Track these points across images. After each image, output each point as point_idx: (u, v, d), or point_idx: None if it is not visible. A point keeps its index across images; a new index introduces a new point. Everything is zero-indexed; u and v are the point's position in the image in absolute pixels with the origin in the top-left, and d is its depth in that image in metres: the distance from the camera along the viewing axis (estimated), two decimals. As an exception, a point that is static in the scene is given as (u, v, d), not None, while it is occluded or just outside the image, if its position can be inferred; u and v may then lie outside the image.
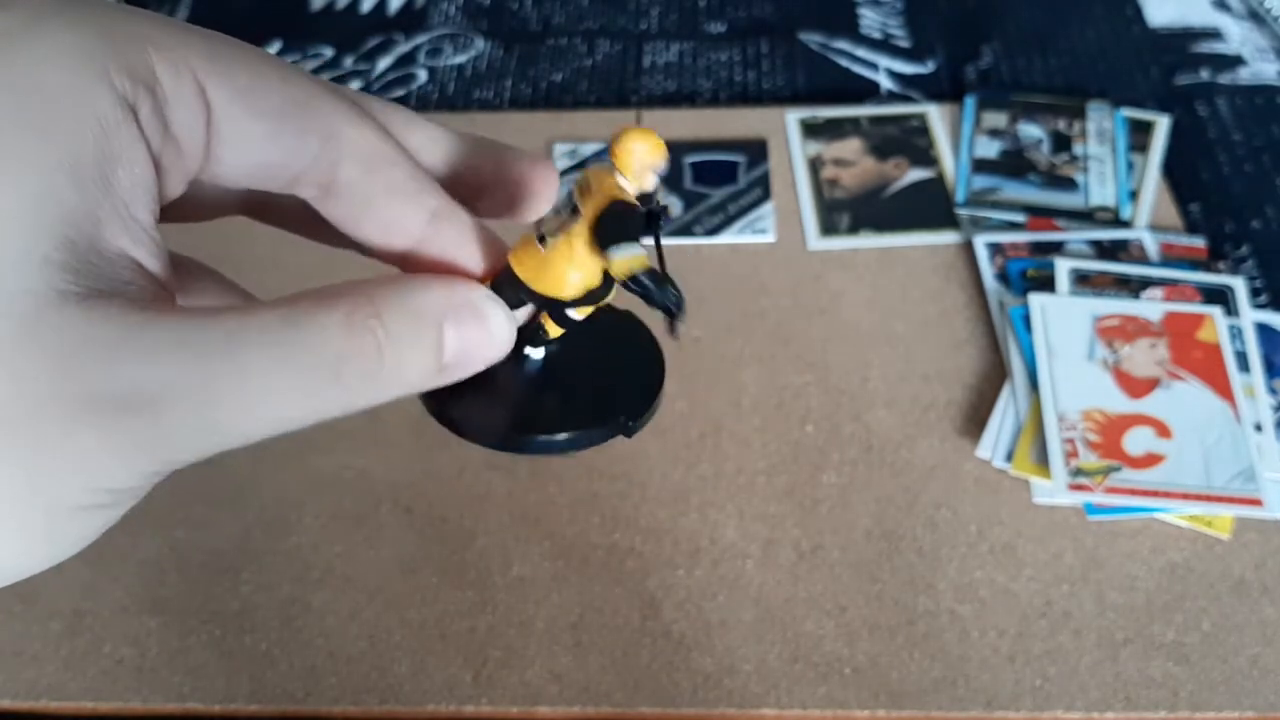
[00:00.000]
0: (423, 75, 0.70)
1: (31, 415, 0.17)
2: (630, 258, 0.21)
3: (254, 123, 0.21)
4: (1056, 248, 0.55)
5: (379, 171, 0.22)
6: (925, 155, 0.61)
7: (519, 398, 0.25)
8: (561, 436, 0.24)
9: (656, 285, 0.22)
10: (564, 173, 0.60)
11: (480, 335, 0.22)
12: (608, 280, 0.23)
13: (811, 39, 0.71)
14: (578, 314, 0.24)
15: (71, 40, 0.18)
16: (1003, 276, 0.54)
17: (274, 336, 0.19)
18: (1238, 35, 0.70)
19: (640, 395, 0.26)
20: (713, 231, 0.57)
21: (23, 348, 0.17)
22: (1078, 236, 0.56)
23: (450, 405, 0.24)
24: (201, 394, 0.18)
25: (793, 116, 0.63)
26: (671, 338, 0.23)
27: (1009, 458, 0.47)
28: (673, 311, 0.22)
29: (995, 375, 0.50)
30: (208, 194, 0.24)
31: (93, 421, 0.17)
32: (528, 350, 0.25)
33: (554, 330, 0.25)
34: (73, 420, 0.17)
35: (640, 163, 0.22)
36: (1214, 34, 0.70)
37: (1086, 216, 0.57)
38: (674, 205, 0.58)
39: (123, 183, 0.18)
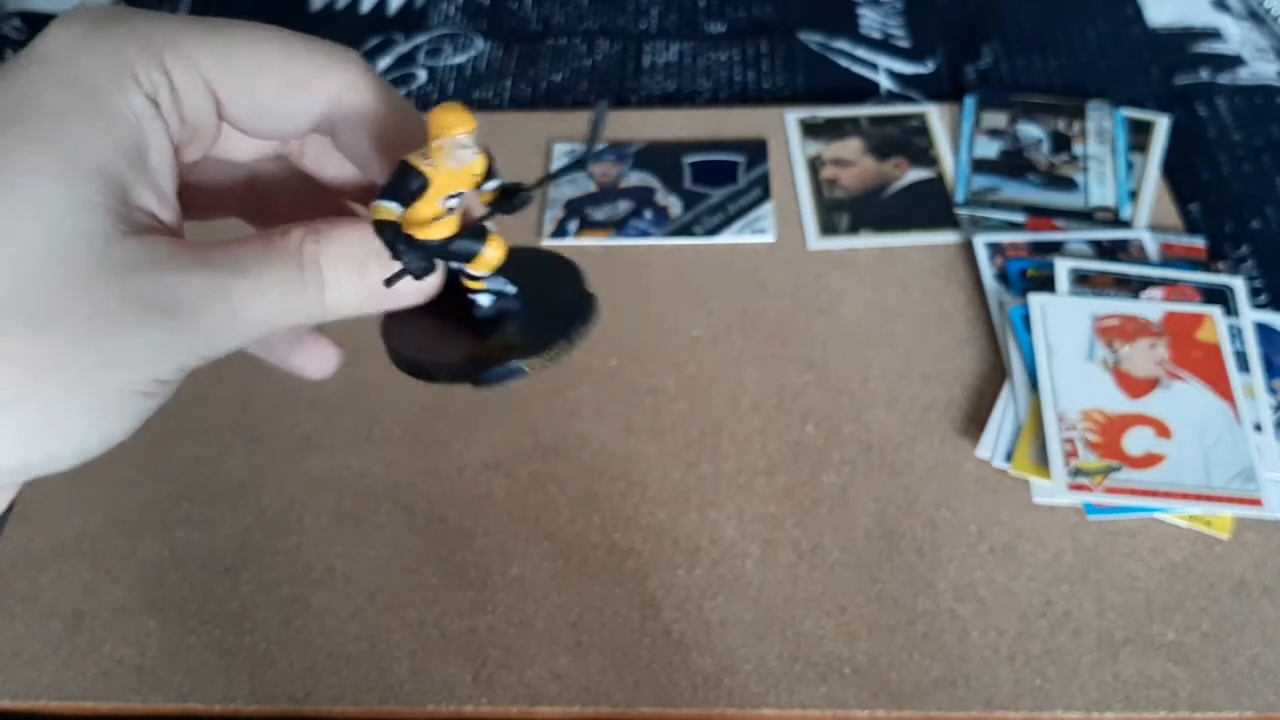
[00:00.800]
0: (422, 75, 0.70)
1: (108, 317, 0.24)
2: (375, 208, 0.25)
3: (256, 102, 0.26)
4: (1056, 248, 0.55)
5: (372, 134, 0.27)
6: (925, 155, 0.61)
7: (463, 337, 0.29)
8: (511, 363, 0.27)
9: (395, 240, 0.25)
10: (561, 172, 0.60)
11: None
12: (472, 238, 0.27)
13: (811, 39, 0.71)
14: (472, 267, 0.27)
15: (110, 49, 0.25)
16: (1002, 276, 0.54)
17: (259, 256, 0.25)
18: (1237, 35, 0.70)
19: (552, 335, 0.28)
20: (712, 231, 0.57)
21: (99, 268, 0.23)
22: (1077, 236, 0.56)
23: (407, 347, 0.29)
24: (225, 298, 0.25)
25: (792, 116, 0.63)
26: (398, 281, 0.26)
27: (1009, 458, 0.47)
28: (401, 260, 0.26)
29: (995, 375, 0.50)
30: (214, 179, 0.30)
31: (151, 322, 0.24)
32: (475, 297, 0.29)
33: (475, 286, 0.28)
34: (137, 321, 0.24)
35: (438, 126, 0.24)
36: (1214, 34, 0.70)
37: (1086, 216, 0.57)
38: (674, 206, 0.58)
39: (153, 162, 0.25)
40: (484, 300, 0.29)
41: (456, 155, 0.25)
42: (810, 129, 0.63)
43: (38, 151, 0.24)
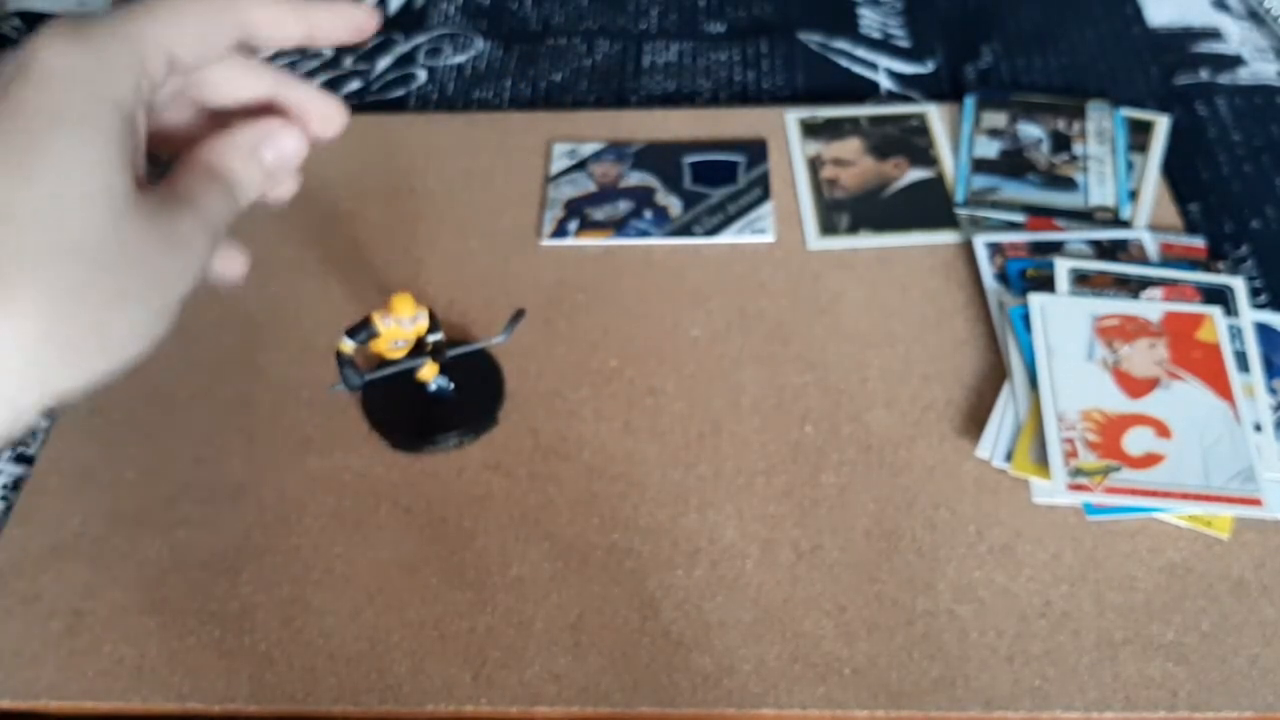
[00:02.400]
0: (422, 75, 0.70)
1: (147, 251, 0.31)
2: (341, 341, 0.45)
3: (197, 49, 0.33)
4: (1056, 247, 0.55)
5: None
6: (925, 155, 0.61)
7: (416, 414, 0.49)
8: (437, 439, 0.48)
9: (342, 363, 0.45)
10: (562, 174, 0.60)
11: (285, 146, 0.35)
12: (412, 359, 0.48)
13: (811, 39, 0.71)
14: (422, 373, 0.48)
15: (98, 49, 0.31)
16: (1002, 276, 0.54)
17: (200, 185, 0.34)
18: (1237, 35, 0.70)
19: (482, 415, 0.49)
20: (712, 231, 0.57)
21: (133, 215, 0.30)
22: (1077, 236, 0.56)
23: (380, 420, 0.49)
24: (205, 229, 0.33)
25: (792, 116, 0.63)
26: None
27: (1008, 458, 0.47)
28: (342, 376, 0.46)
29: (995, 375, 0.50)
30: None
31: (175, 253, 0.32)
32: (426, 386, 0.49)
33: (429, 372, 0.48)
34: (166, 253, 0.31)
35: (391, 307, 0.45)
36: (1213, 34, 0.70)
37: (1086, 216, 0.57)
38: (674, 206, 0.58)
39: (138, 127, 0.32)
40: (430, 388, 0.49)
41: (401, 323, 0.45)
42: (810, 129, 0.63)
43: (84, 135, 0.30)
